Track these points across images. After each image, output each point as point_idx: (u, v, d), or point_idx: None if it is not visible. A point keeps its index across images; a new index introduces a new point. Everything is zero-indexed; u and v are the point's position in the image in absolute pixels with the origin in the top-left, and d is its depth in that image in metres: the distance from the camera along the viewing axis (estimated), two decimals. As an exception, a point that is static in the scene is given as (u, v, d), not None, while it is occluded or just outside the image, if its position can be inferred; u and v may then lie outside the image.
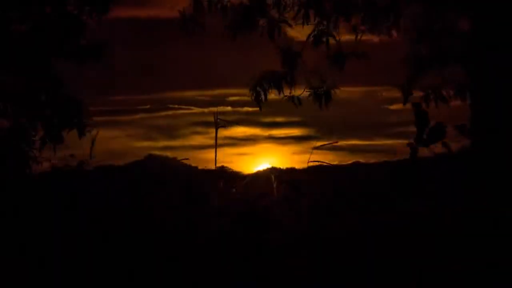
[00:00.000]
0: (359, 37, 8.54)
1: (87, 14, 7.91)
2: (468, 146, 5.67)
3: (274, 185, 4.84)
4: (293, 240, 4.89)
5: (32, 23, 7.76)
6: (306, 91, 8.69)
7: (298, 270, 5.24)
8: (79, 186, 6.62)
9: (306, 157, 5.14)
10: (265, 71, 8.52)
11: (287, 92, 8.70)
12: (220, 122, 5.50)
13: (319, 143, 5.34)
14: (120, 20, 8.85)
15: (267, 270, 4.72)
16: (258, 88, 8.58)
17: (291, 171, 4.97)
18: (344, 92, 8.73)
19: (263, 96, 8.60)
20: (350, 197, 6.22)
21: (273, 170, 4.94)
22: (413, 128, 5.94)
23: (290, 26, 8.39)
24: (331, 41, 8.44)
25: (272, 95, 8.77)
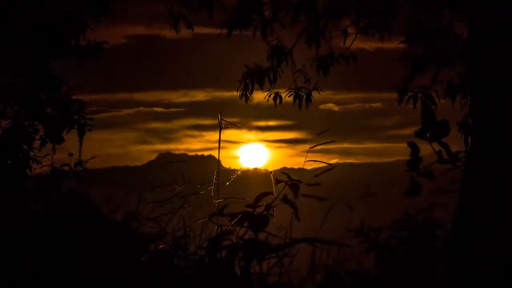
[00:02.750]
0: (351, 40, 8.57)
1: (87, 14, 7.93)
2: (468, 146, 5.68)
3: (274, 185, 4.84)
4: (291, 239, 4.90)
5: (32, 23, 7.78)
6: (288, 90, 8.73)
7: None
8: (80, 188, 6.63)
9: (300, 159, 5.14)
10: (251, 67, 8.52)
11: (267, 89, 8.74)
12: (223, 123, 5.49)
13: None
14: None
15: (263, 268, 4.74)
16: (246, 83, 8.60)
17: (291, 171, 4.97)
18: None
19: (249, 91, 8.61)
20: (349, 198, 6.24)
21: (273, 171, 4.94)
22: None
23: (283, 26, 8.41)
24: (323, 44, 8.48)
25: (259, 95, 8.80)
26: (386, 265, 6.27)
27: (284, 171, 4.88)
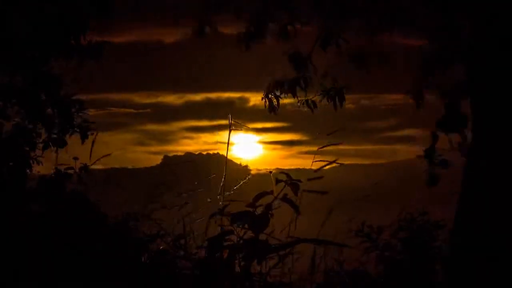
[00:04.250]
0: (367, 40, 8.53)
1: (87, 14, 7.90)
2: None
3: (274, 185, 4.84)
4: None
5: (32, 23, 7.76)
6: (318, 94, 8.69)
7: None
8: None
9: (296, 160, 5.16)
10: (278, 78, 8.55)
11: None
12: (234, 124, 5.47)
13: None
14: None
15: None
16: (270, 95, 8.60)
17: (293, 172, 4.97)
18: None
19: (277, 104, 8.63)
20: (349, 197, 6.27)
21: (272, 170, 4.94)
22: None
23: (307, 24, 8.36)
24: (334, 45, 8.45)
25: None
26: (386, 265, 6.28)
27: (286, 171, 4.87)
